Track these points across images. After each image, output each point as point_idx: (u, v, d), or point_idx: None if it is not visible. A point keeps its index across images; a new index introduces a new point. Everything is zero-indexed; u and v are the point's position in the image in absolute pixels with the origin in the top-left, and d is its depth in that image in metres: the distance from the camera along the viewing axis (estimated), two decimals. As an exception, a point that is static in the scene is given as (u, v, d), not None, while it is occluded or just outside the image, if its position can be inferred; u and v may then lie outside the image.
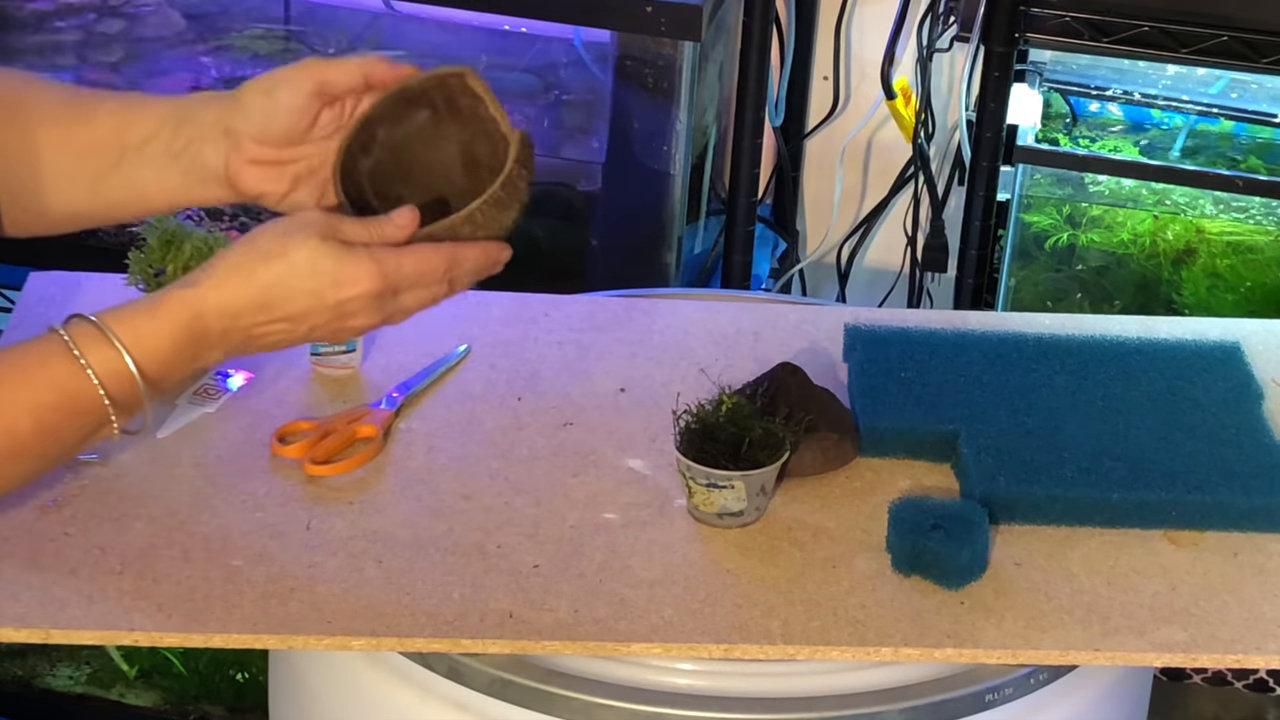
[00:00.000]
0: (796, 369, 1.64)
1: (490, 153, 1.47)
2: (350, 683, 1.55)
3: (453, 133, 1.48)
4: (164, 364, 1.37)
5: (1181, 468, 1.59)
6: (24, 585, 1.44)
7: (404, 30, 2.61)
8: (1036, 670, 1.48)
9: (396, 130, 1.47)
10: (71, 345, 1.35)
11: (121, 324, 1.36)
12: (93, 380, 1.35)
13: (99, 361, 1.35)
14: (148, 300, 1.38)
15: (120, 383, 1.35)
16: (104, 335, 1.35)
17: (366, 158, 1.46)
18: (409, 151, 1.48)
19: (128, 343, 1.35)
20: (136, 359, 1.35)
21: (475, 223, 1.41)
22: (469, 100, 1.46)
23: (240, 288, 1.36)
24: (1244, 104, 2.55)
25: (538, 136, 2.53)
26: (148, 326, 1.36)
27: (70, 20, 2.64)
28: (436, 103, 1.47)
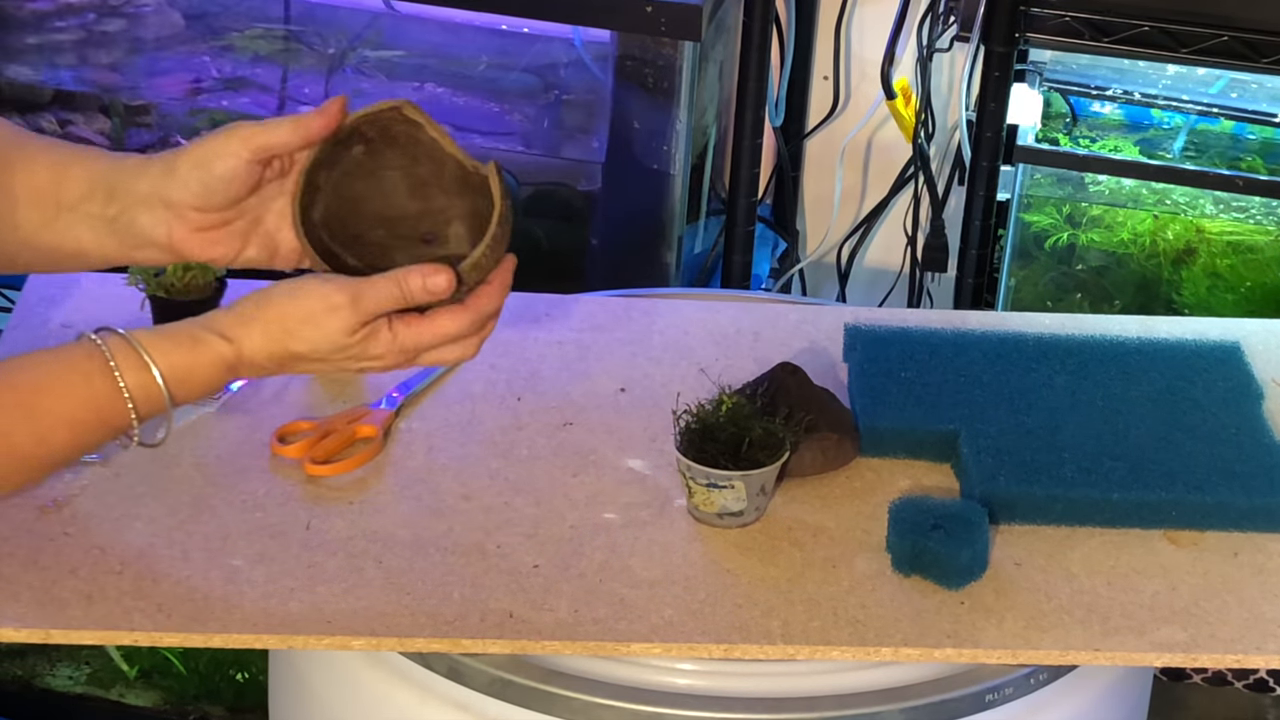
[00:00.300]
0: (796, 369, 1.64)
1: (435, 172, 1.48)
2: (350, 683, 1.55)
3: (391, 160, 1.48)
4: (191, 393, 1.41)
5: (1181, 468, 1.59)
6: (24, 585, 1.44)
7: (404, 30, 2.61)
8: (1036, 670, 1.48)
9: (335, 171, 1.47)
10: (115, 367, 1.37)
11: (163, 355, 1.39)
12: (128, 404, 1.38)
13: (136, 385, 1.38)
14: (189, 336, 1.40)
15: (150, 405, 1.39)
16: (143, 361, 1.38)
17: (315, 209, 1.46)
18: (350, 189, 1.48)
19: (165, 372, 1.39)
20: (172, 389, 1.39)
21: (480, 267, 1.43)
22: (405, 128, 1.47)
23: (272, 354, 1.41)
24: (1244, 104, 2.55)
25: (538, 136, 2.54)
26: (185, 363, 1.39)
27: (70, 20, 2.64)
28: (369, 135, 1.47)
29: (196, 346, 1.39)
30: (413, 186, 1.49)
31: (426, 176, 1.48)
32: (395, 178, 1.49)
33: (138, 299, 1.70)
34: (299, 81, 2.61)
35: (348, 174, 1.48)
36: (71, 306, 1.77)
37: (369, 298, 1.40)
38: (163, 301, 1.69)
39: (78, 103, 2.66)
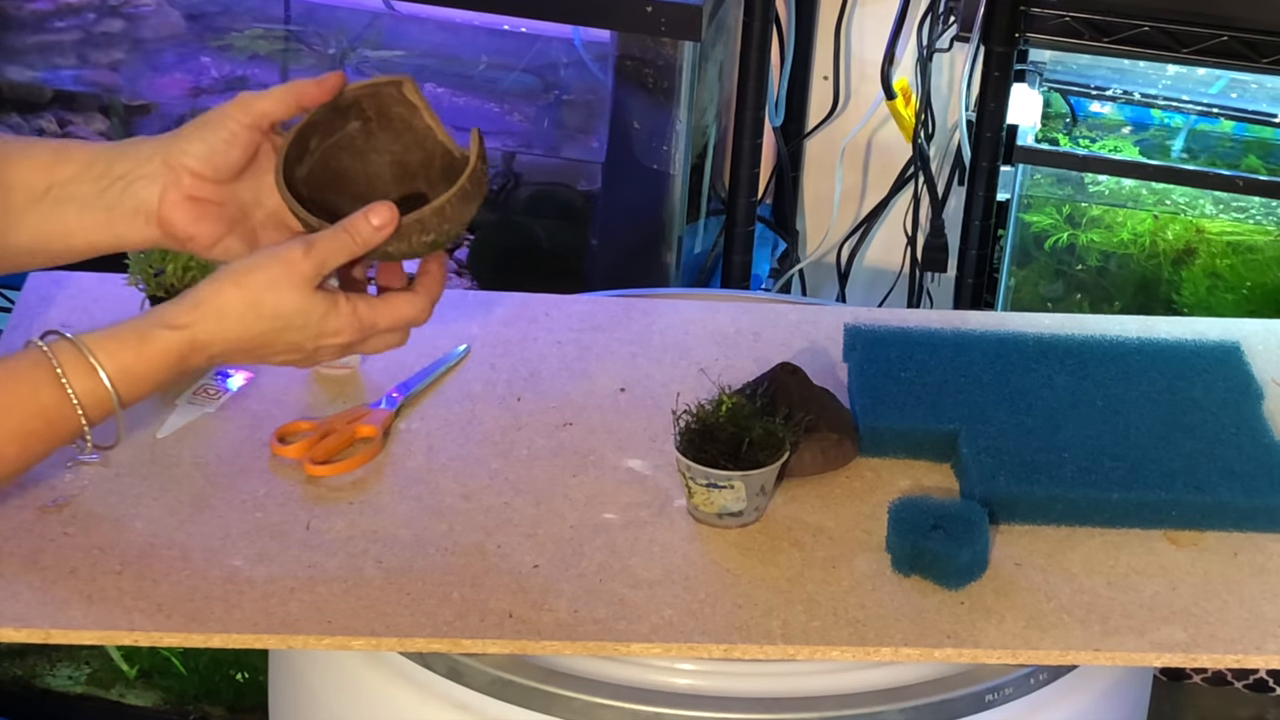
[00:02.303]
0: (796, 369, 1.64)
1: (424, 161, 1.49)
2: (350, 683, 1.55)
3: (383, 143, 1.50)
4: (142, 391, 1.41)
5: (1181, 468, 1.59)
6: (24, 585, 1.44)
7: (404, 30, 2.61)
8: (1036, 670, 1.48)
9: (328, 140, 1.48)
10: (61, 375, 1.37)
11: (109, 356, 1.38)
12: (78, 410, 1.38)
13: (84, 391, 1.38)
14: (135, 332, 1.40)
15: (100, 409, 1.39)
16: (90, 365, 1.38)
17: (301, 166, 1.47)
18: (338, 161, 1.49)
19: (113, 375, 1.38)
20: (120, 390, 1.39)
21: (443, 215, 1.43)
22: (403, 109, 1.48)
23: (227, 334, 1.40)
24: (1244, 104, 2.55)
25: (538, 136, 2.54)
26: (134, 362, 1.39)
27: (70, 20, 2.64)
28: (368, 112, 1.48)
29: (143, 343, 1.39)
30: (398, 174, 1.51)
31: (414, 165, 1.50)
32: (383, 162, 1.50)
33: (138, 299, 1.70)
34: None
35: (339, 146, 1.49)
36: (71, 306, 1.77)
37: (320, 246, 1.40)
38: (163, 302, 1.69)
39: (78, 103, 2.66)
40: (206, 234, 1.47)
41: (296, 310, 1.40)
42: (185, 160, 1.45)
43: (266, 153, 1.48)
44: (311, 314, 1.41)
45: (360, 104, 1.48)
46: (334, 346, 1.44)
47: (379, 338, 1.46)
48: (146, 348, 1.39)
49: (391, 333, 1.46)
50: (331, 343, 1.43)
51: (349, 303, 1.42)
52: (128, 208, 1.46)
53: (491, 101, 2.55)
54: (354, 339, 1.44)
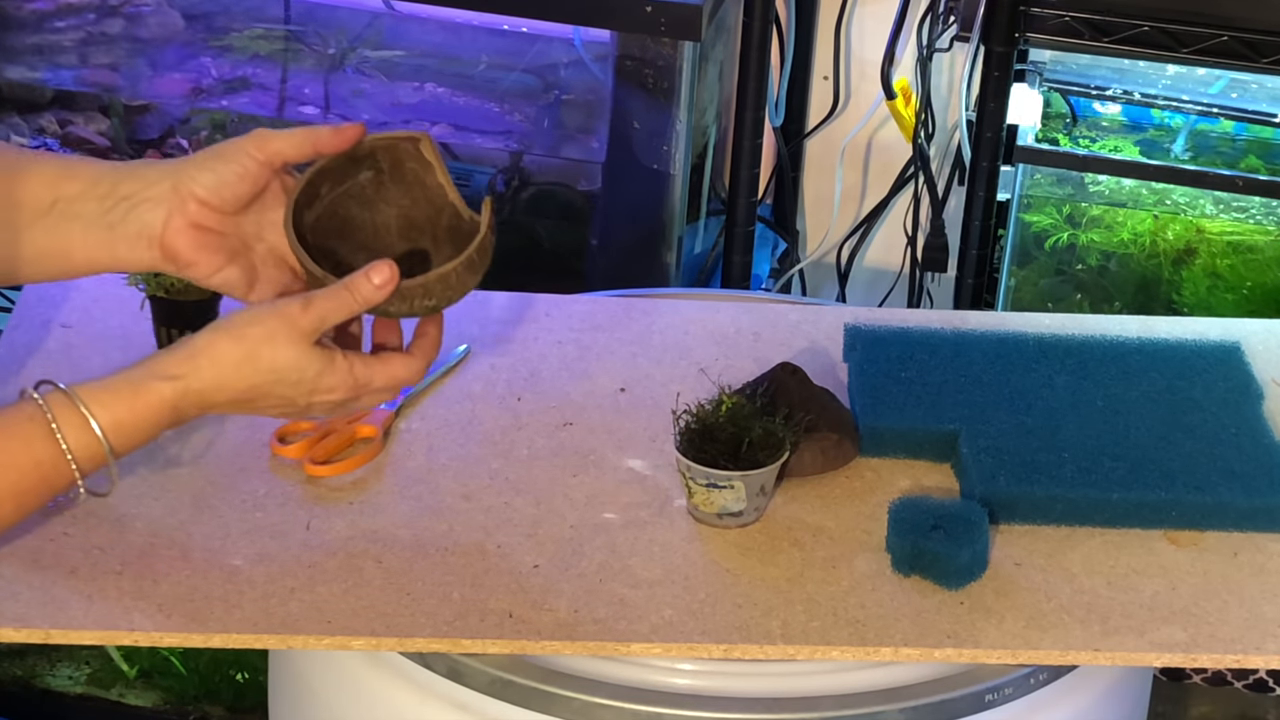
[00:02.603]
0: (796, 369, 1.64)
1: (432, 218, 1.49)
2: (350, 683, 1.55)
3: (393, 196, 1.50)
4: (135, 442, 1.40)
5: (1181, 468, 1.59)
6: (24, 585, 1.44)
7: (404, 30, 2.61)
8: (1036, 670, 1.48)
9: (338, 187, 1.48)
10: (55, 429, 1.36)
11: (103, 408, 1.38)
12: (71, 465, 1.38)
13: (78, 445, 1.37)
14: (129, 383, 1.39)
15: (94, 461, 1.39)
16: (84, 418, 1.37)
17: (309, 211, 1.47)
18: (346, 209, 1.49)
19: (106, 428, 1.38)
20: (113, 442, 1.38)
21: (447, 283, 1.43)
22: (417, 165, 1.48)
23: (221, 385, 1.40)
24: (1244, 104, 2.55)
25: (538, 136, 2.54)
26: (127, 414, 1.38)
27: (70, 20, 2.64)
28: (382, 164, 1.48)
29: (137, 394, 1.38)
30: (405, 228, 1.51)
31: (421, 221, 1.50)
32: (391, 215, 1.50)
33: (138, 299, 1.70)
34: (299, 81, 2.62)
35: (349, 195, 1.49)
36: (71, 307, 1.77)
37: (319, 303, 1.40)
38: (163, 302, 1.69)
39: (78, 103, 2.66)
40: (207, 263, 1.46)
41: (292, 365, 1.40)
42: (194, 188, 1.44)
43: (275, 190, 1.48)
44: (307, 370, 1.40)
45: (375, 155, 1.47)
46: (327, 403, 1.43)
47: (371, 396, 1.45)
48: (140, 399, 1.38)
49: (384, 391, 1.46)
50: (325, 399, 1.42)
51: (345, 361, 1.42)
52: (131, 230, 1.45)
53: (491, 101, 2.55)
54: (347, 397, 1.43)
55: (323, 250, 1.47)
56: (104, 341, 1.73)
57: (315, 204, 1.47)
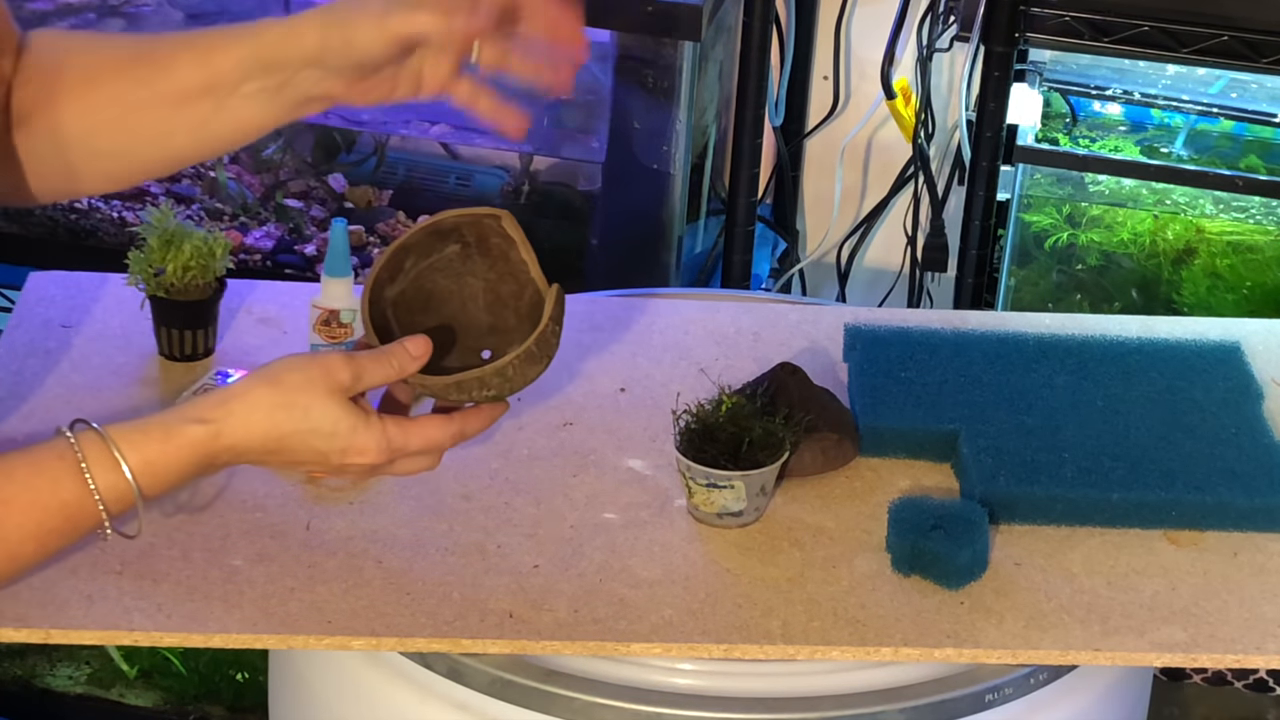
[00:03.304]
0: (796, 369, 1.64)
1: (516, 294, 1.47)
2: (350, 683, 1.55)
3: (480, 269, 1.48)
4: (165, 486, 1.37)
5: (1181, 468, 1.59)
6: (24, 585, 1.43)
7: (404, 30, 2.60)
8: (1036, 670, 1.48)
9: (424, 260, 1.46)
10: (85, 469, 1.34)
11: (134, 449, 1.35)
12: (99, 506, 1.35)
13: (106, 485, 1.34)
14: (161, 426, 1.37)
15: (122, 503, 1.36)
16: (114, 459, 1.34)
17: (393, 286, 1.45)
18: (432, 282, 1.47)
19: (136, 469, 1.35)
20: (141, 484, 1.35)
21: (505, 376, 1.41)
22: (500, 241, 1.46)
23: (255, 433, 1.37)
24: (1244, 104, 2.55)
25: (538, 136, 2.54)
26: (158, 456, 1.36)
27: (70, 20, 2.64)
28: (468, 238, 1.46)
29: (169, 437, 1.36)
30: (491, 301, 1.49)
31: (506, 296, 1.48)
32: (478, 287, 1.48)
33: (138, 299, 1.70)
34: (299, 81, 2.61)
35: (435, 268, 1.47)
36: (71, 306, 1.77)
37: (360, 360, 1.39)
38: (163, 301, 1.69)
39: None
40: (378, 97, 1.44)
41: (326, 416, 1.37)
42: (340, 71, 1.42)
43: None
44: (340, 423, 1.38)
45: (460, 230, 1.46)
46: (360, 466, 1.40)
47: (408, 460, 1.42)
48: (171, 441, 1.36)
49: (423, 455, 1.43)
50: (358, 461, 1.39)
51: (380, 422, 1.39)
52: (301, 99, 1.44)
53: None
54: (381, 461, 1.40)
55: (407, 325, 1.46)
56: (104, 341, 1.73)
57: (399, 278, 1.45)
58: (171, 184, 2.63)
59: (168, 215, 1.70)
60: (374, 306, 1.44)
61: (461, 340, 1.49)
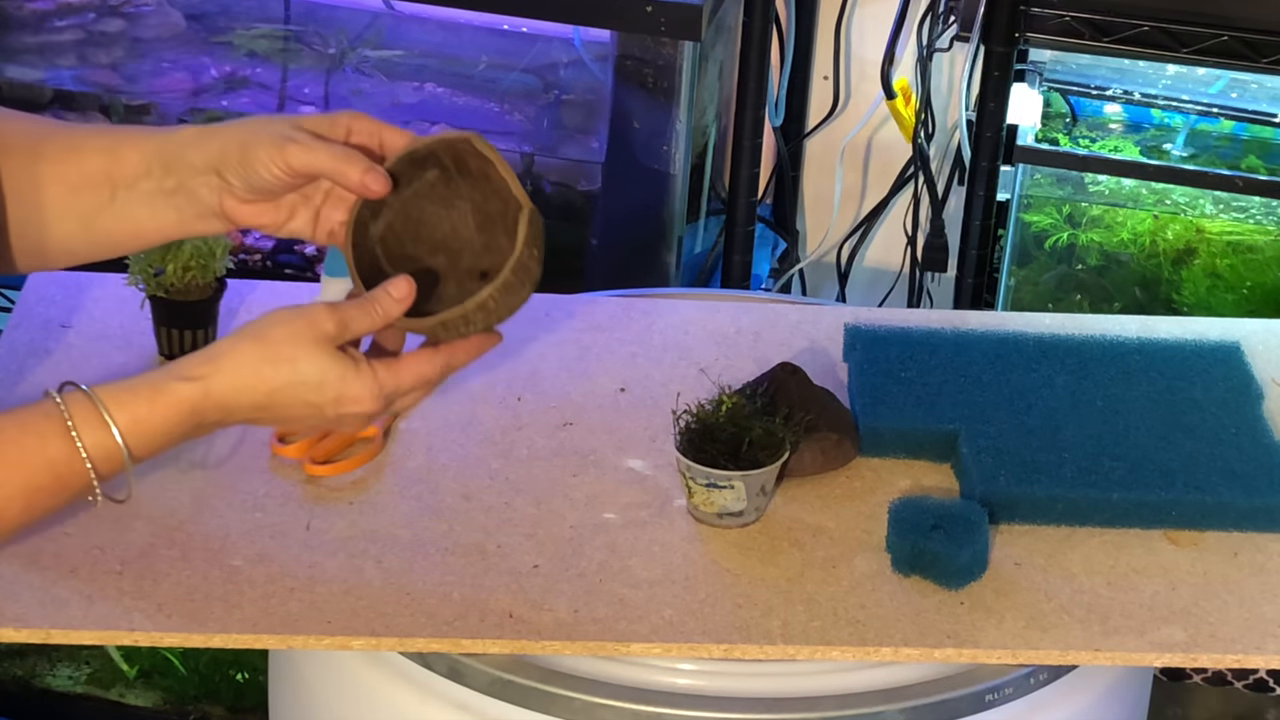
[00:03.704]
0: (796, 369, 1.64)
1: (503, 211, 1.46)
2: (350, 683, 1.55)
3: (464, 190, 1.46)
4: (154, 446, 1.37)
5: (1181, 468, 1.59)
6: (24, 585, 1.44)
7: (404, 30, 2.61)
8: (1036, 670, 1.48)
9: (407, 190, 1.45)
10: (71, 427, 1.34)
11: (121, 408, 1.35)
12: (85, 462, 1.34)
13: (93, 444, 1.34)
14: (149, 385, 1.36)
15: (110, 463, 1.35)
16: (102, 418, 1.34)
17: (376, 222, 1.45)
18: (420, 209, 1.46)
19: (124, 428, 1.35)
20: (130, 444, 1.35)
21: (488, 309, 1.40)
22: (478, 162, 1.45)
23: (242, 388, 1.37)
24: (1244, 104, 2.55)
25: (538, 136, 2.53)
26: (146, 414, 1.35)
27: (70, 20, 2.64)
28: (445, 162, 1.45)
29: (156, 395, 1.35)
30: (481, 221, 1.47)
31: (494, 214, 1.46)
32: (465, 208, 1.47)
33: (138, 299, 1.70)
34: (299, 81, 2.62)
35: (419, 195, 1.46)
36: (71, 306, 1.77)
37: (344, 310, 1.38)
38: (163, 301, 1.69)
39: (78, 103, 2.66)
40: (270, 223, 1.45)
41: (314, 367, 1.37)
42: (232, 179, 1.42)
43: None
44: (329, 373, 1.37)
45: (436, 154, 1.44)
46: (357, 416, 1.40)
47: (404, 399, 1.42)
48: (159, 399, 1.35)
49: (415, 391, 1.42)
50: (353, 410, 1.39)
51: (369, 367, 1.39)
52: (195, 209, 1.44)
53: (491, 101, 2.55)
54: (377, 408, 1.40)
55: (399, 258, 1.45)
56: (104, 341, 1.73)
57: (384, 211, 1.44)
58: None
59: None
60: (358, 249, 1.43)
61: (457, 263, 1.48)
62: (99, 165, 1.45)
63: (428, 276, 1.46)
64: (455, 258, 1.48)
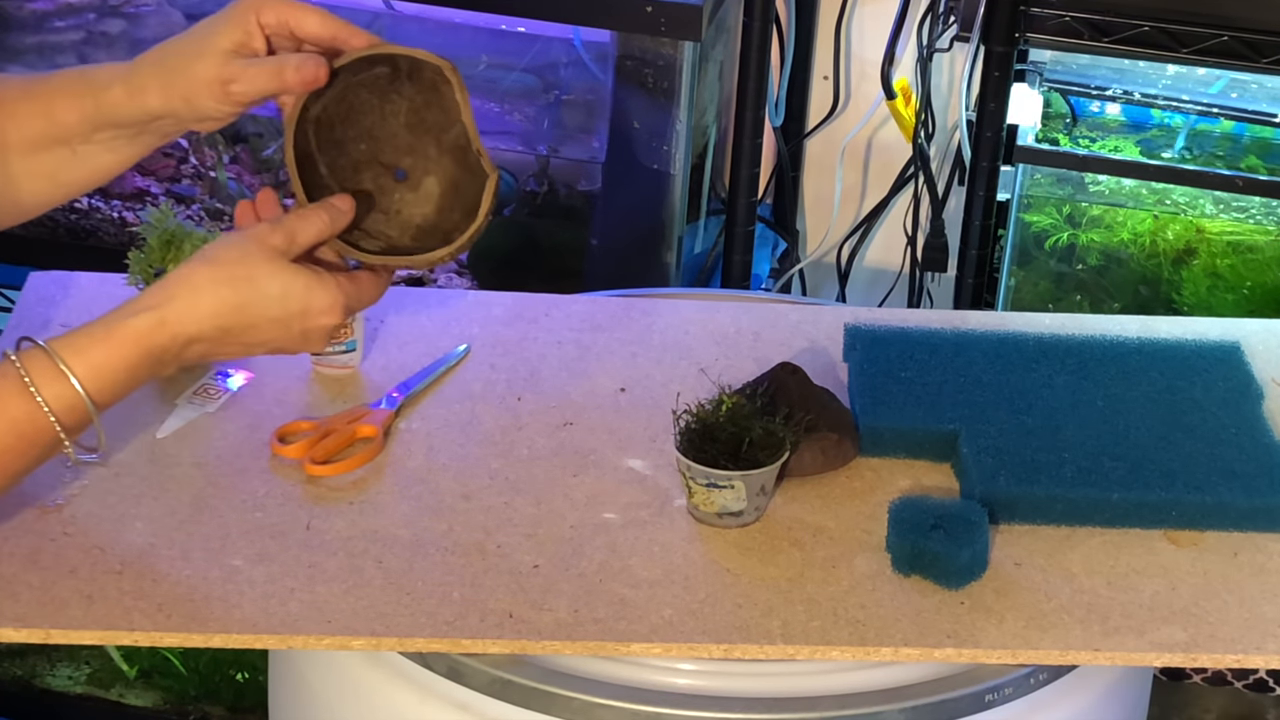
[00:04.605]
0: (796, 369, 1.64)
1: (442, 124, 1.48)
2: (350, 683, 1.55)
3: (406, 91, 1.48)
4: (117, 389, 1.36)
5: (1181, 468, 1.59)
6: (24, 585, 1.44)
7: (404, 30, 2.61)
8: (1036, 670, 1.48)
9: (352, 78, 1.46)
10: (28, 382, 1.33)
11: (77, 355, 1.34)
12: (48, 416, 1.33)
13: (53, 396, 1.33)
14: (102, 326, 1.35)
15: (74, 414, 1.34)
16: (58, 369, 1.33)
17: (317, 104, 1.45)
18: (355, 96, 1.47)
19: (82, 375, 1.33)
20: (90, 390, 1.34)
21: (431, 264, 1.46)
22: (436, 77, 1.46)
23: (202, 314, 1.35)
24: (1244, 104, 2.55)
25: (538, 136, 2.54)
26: (103, 358, 1.34)
27: (70, 20, 2.64)
28: (401, 66, 1.46)
29: (110, 334, 1.34)
30: (413, 122, 1.49)
31: (430, 123, 1.48)
32: (401, 104, 1.48)
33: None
34: (299, 81, 2.61)
35: (362, 84, 1.47)
36: (71, 306, 1.77)
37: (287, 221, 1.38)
38: (163, 301, 1.69)
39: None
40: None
41: (274, 281, 1.36)
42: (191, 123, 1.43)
43: None
44: (292, 285, 1.37)
45: (396, 60, 1.45)
46: (323, 329, 1.40)
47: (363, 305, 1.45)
48: (113, 338, 1.34)
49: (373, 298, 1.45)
50: (320, 323, 1.39)
51: (332, 277, 1.39)
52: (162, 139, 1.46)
53: (491, 101, 2.55)
54: (342, 318, 1.40)
55: (326, 141, 1.46)
56: (104, 341, 1.73)
57: (324, 94, 1.45)
58: (172, 184, 2.63)
59: (168, 215, 1.70)
60: (299, 130, 1.43)
61: (378, 154, 1.49)
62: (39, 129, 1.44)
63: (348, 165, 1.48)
64: (376, 147, 1.49)
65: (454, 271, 2.53)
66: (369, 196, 1.48)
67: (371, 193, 1.49)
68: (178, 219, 1.71)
